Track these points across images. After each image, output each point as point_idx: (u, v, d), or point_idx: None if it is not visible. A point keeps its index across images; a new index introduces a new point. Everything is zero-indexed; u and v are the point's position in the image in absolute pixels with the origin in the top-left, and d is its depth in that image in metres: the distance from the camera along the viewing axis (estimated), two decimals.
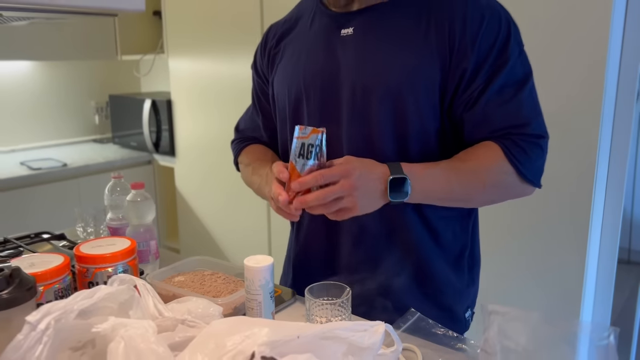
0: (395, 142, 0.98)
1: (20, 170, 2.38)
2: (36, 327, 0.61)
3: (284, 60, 1.11)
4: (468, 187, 0.96)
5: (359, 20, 1.01)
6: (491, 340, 0.51)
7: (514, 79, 0.95)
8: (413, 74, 0.95)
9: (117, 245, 0.99)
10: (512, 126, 0.95)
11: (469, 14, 0.94)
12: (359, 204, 0.88)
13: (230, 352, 0.65)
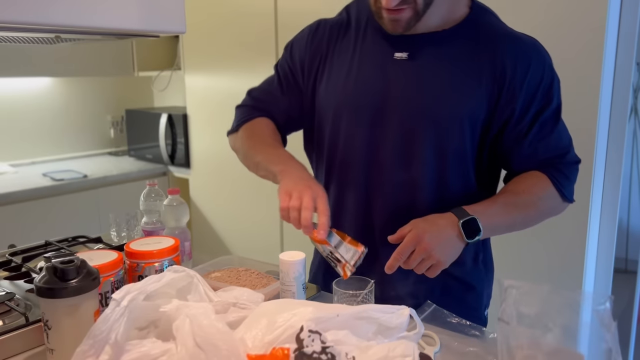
0: (435, 169, 1.06)
1: (44, 181, 2.49)
2: (120, 303, 0.71)
3: (334, 70, 1.13)
4: (526, 218, 1.08)
5: (414, 46, 1.05)
6: (508, 310, 0.62)
7: (554, 113, 1.06)
8: (461, 106, 1.03)
9: (163, 243, 1.09)
10: (556, 156, 1.08)
11: (519, 55, 1.02)
12: (442, 259, 0.97)
13: (281, 327, 0.75)
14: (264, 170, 1.13)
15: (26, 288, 1.16)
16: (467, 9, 1.07)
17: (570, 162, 1.09)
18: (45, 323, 0.88)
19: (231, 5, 2.51)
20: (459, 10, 1.07)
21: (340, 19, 1.17)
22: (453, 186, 1.08)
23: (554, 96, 1.05)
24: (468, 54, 1.03)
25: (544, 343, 0.59)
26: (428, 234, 0.95)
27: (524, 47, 1.03)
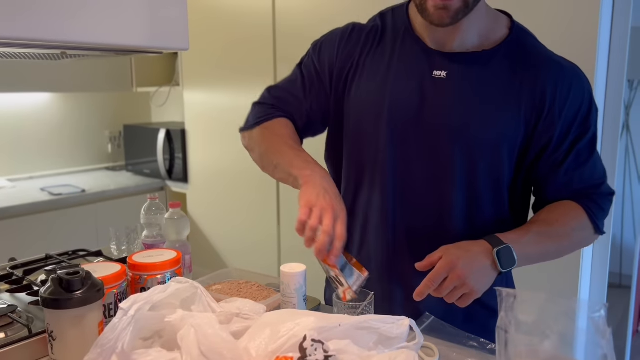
0: (467, 194, 1.03)
1: (42, 196, 2.50)
2: (127, 312, 0.73)
3: (367, 79, 1.08)
4: (560, 248, 1.06)
5: (453, 66, 1.02)
6: (506, 318, 0.64)
7: (591, 142, 1.05)
8: (498, 131, 1.00)
9: (165, 255, 1.11)
10: (591, 187, 1.06)
11: (560, 81, 1.00)
12: (476, 288, 0.92)
13: (284, 336, 0.77)
14: (283, 173, 1.05)
15: (28, 301, 1.17)
16: (507, 30, 1.05)
17: (605, 194, 1.08)
18: (50, 334, 0.89)
19: (229, 22, 2.56)
20: (499, 31, 1.04)
21: (374, 26, 1.11)
22: (485, 212, 1.05)
23: (591, 125, 1.03)
24: (508, 77, 1.01)
25: (541, 350, 0.61)
26: (462, 261, 0.92)
27: (565, 73, 1.01)
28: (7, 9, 0.94)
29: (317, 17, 2.23)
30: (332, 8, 2.18)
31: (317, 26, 2.17)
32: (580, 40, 1.64)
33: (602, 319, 0.58)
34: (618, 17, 1.73)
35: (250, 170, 2.60)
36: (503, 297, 0.65)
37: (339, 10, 2.14)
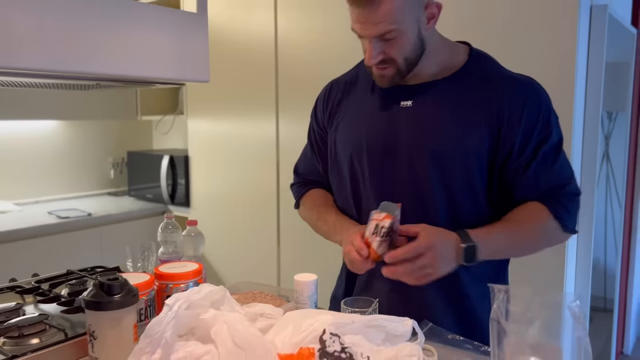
0: (446, 203, 1.16)
1: (50, 219, 2.59)
2: (172, 308, 0.84)
3: (346, 120, 1.27)
4: (525, 245, 1.18)
5: (417, 95, 1.18)
6: (498, 310, 0.76)
7: (554, 146, 1.16)
8: (464, 146, 1.13)
9: (188, 267, 1.22)
10: (556, 187, 1.16)
11: (515, 94, 1.13)
12: (439, 272, 1.06)
13: (306, 331, 0.88)
14: (331, 239, 1.29)
15: (57, 310, 1.26)
16: (466, 57, 1.20)
17: (570, 194, 1.18)
18: (91, 334, 0.99)
19: (233, 54, 2.70)
20: (458, 59, 1.19)
21: (351, 76, 1.33)
22: (465, 217, 1.17)
23: (552, 130, 1.15)
24: (466, 99, 1.15)
25: (528, 337, 0.73)
26: (440, 246, 1.04)
27: (519, 86, 1.15)
28: (53, 44, 1.06)
29: (317, 50, 2.39)
30: (331, 41, 2.33)
31: (318, 58, 2.34)
32: (559, 75, 1.78)
33: (578, 307, 0.70)
34: (593, 54, 1.90)
35: (251, 195, 2.73)
36: (495, 292, 0.77)
37: (338, 43, 2.29)
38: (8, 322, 1.15)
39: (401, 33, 1.10)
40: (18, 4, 1.00)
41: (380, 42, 1.11)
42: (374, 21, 1.08)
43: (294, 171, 1.48)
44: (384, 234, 1.06)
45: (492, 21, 1.88)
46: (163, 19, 1.22)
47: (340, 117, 1.29)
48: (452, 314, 1.20)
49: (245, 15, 2.64)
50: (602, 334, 3.22)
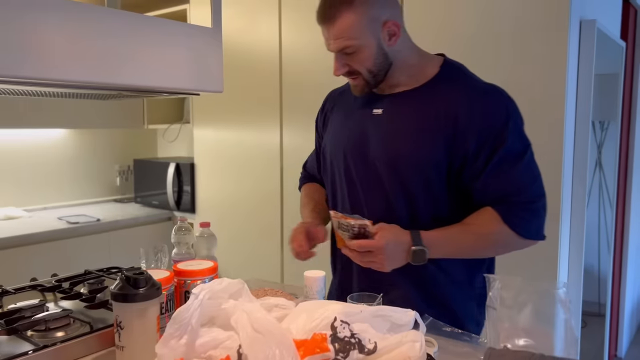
0: (405, 203, 1.26)
1: (60, 224, 2.67)
2: (198, 296, 0.92)
3: (334, 125, 1.44)
4: (474, 248, 1.25)
5: (387, 104, 1.30)
6: (493, 298, 0.84)
7: (512, 153, 1.19)
8: (424, 151, 1.22)
9: (203, 265, 1.30)
10: (509, 194, 1.20)
11: (471, 103, 1.21)
12: (387, 266, 1.21)
13: (318, 319, 0.96)
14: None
15: (79, 306, 1.34)
16: (438, 68, 1.29)
17: (524, 202, 1.21)
18: (118, 324, 1.07)
19: (238, 64, 2.80)
20: (430, 70, 1.29)
21: (343, 88, 1.49)
22: (423, 215, 1.26)
23: (508, 137, 1.19)
24: (430, 107, 1.24)
25: (519, 320, 0.81)
26: (391, 247, 1.18)
27: (477, 94, 1.22)
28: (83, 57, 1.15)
29: (320, 60, 2.48)
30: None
31: (320, 68, 2.45)
32: (551, 86, 1.87)
33: (564, 293, 0.78)
34: (583, 66, 2.00)
35: (255, 201, 2.81)
36: (490, 282, 0.85)
37: None
38: (35, 317, 1.23)
39: (360, 48, 1.23)
40: (53, 22, 1.09)
41: (343, 55, 1.25)
42: (334, 37, 1.24)
43: (303, 166, 1.68)
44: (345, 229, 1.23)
45: (487, 34, 1.99)
46: (182, 34, 1.31)
47: (330, 125, 1.46)
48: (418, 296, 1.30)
49: (251, 27, 2.74)
50: (597, 338, 3.28)
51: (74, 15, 1.13)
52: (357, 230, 1.20)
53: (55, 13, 1.10)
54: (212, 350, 0.92)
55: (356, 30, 1.21)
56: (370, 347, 0.95)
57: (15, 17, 1.03)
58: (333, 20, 1.22)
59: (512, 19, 1.94)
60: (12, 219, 2.79)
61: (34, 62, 1.09)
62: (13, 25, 1.03)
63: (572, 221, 2.06)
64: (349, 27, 1.21)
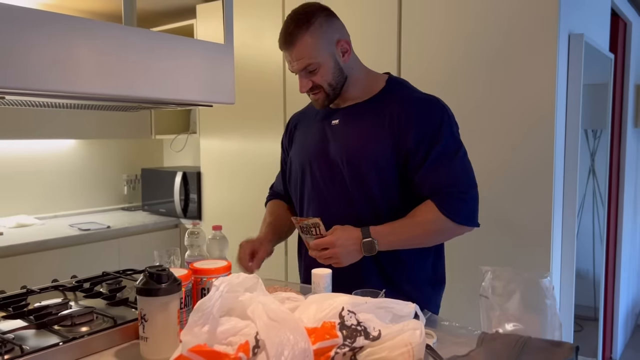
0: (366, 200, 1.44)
1: (72, 231, 2.76)
2: (219, 288, 1.02)
3: (299, 139, 1.62)
4: (419, 236, 1.42)
5: (342, 115, 1.51)
6: (486, 287, 0.94)
7: (447, 151, 1.40)
8: (375, 152, 1.42)
9: (218, 264, 1.40)
10: (443, 186, 1.39)
11: (410, 110, 1.42)
12: (343, 261, 1.37)
13: (327, 309, 1.06)
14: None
15: (101, 304, 1.44)
16: (384, 83, 1.50)
17: (456, 192, 1.39)
18: (142, 317, 1.16)
19: (243, 77, 2.91)
20: (377, 85, 1.50)
21: (306, 108, 1.68)
22: (381, 208, 1.44)
23: (442, 137, 1.39)
24: (377, 115, 1.45)
25: (509, 307, 0.91)
26: (339, 243, 1.35)
27: (414, 102, 1.44)
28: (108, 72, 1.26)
29: None
30: None
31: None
32: (541, 97, 1.98)
33: (548, 281, 0.88)
34: (572, 77, 2.11)
35: (259, 208, 2.89)
36: (483, 272, 0.95)
37: None
38: (61, 313, 1.33)
39: (319, 65, 1.42)
40: (79, 40, 1.20)
41: (306, 74, 1.44)
42: (296, 58, 1.42)
43: (270, 187, 1.88)
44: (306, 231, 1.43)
45: (479, 48, 2.10)
46: (198, 50, 1.42)
47: (295, 141, 1.65)
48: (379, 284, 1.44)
49: (256, 41, 2.86)
50: (593, 342, 3.36)
51: (98, 34, 1.24)
52: (314, 231, 1.39)
53: (81, 32, 1.20)
54: (232, 337, 1.01)
55: (314, 49, 1.41)
56: (375, 334, 1.04)
57: (44, 36, 1.14)
58: (293, 44, 1.41)
59: (503, 33, 2.05)
60: (25, 226, 2.89)
61: (62, 77, 1.19)
62: (42, 43, 1.14)
63: (563, 227, 2.16)
64: (308, 48, 1.40)
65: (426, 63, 2.24)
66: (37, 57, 1.14)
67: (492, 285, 0.92)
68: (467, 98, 2.11)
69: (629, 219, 3.67)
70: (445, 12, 2.18)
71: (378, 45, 2.36)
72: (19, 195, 3.08)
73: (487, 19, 2.08)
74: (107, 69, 1.26)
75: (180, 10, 3.19)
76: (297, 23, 1.41)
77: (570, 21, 2.10)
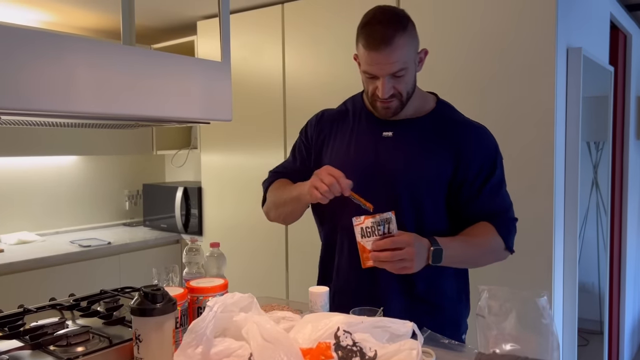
0: (414, 218, 1.40)
1: (73, 248, 2.77)
2: (212, 308, 1.01)
3: (336, 144, 1.51)
4: (476, 256, 1.42)
5: (397, 127, 1.44)
6: (482, 306, 0.93)
7: (497, 180, 1.43)
8: (431, 172, 1.39)
9: (215, 282, 1.39)
10: (500, 212, 1.43)
11: (470, 138, 1.42)
12: (415, 266, 1.26)
13: (323, 329, 1.05)
14: (290, 203, 1.49)
15: (97, 323, 1.42)
16: (434, 104, 1.48)
17: (511, 218, 1.44)
18: (137, 337, 1.15)
19: (244, 92, 2.92)
20: (428, 105, 1.47)
21: (340, 109, 1.58)
22: (429, 228, 1.39)
23: (497, 168, 1.43)
24: (435, 136, 1.42)
25: (506, 326, 0.90)
26: (417, 244, 1.27)
27: (475, 131, 1.44)
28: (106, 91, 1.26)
29: (321, 88, 2.60)
30: (334, 80, 2.55)
31: (322, 95, 2.56)
32: (541, 110, 1.98)
33: (545, 301, 0.87)
34: (571, 90, 2.10)
35: (260, 224, 2.89)
36: (479, 292, 0.94)
37: (340, 81, 2.51)
38: (57, 333, 1.32)
39: (407, 71, 1.34)
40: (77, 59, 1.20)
41: (391, 79, 1.34)
42: (390, 61, 1.31)
43: (270, 171, 1.70)
44: (369, 233, 1.28)
45: (478, 62, 2.10)
46: (194, 68, 1.42)
47: (331, 142, 1.53)
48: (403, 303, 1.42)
49: (256, 57, 2.87)
50: (599, 356, 3.32)
51: (96, 53, 1.24)
52: (381, 230, 1.27)
53: (77, 51, 1.20)
54: (226, 358, 1.00)
55: (408, 53, 1.33)
56: (371, 355, 1.03)
57: (39, 55, 1.14)
58: (390, 45, 1.29)
59: (500, 48, 2.05)
60: (26, 243, 2.89)
61: (58, 97, 1.19)
62: (38, 63, 1.14)
63: (565, 240, 2.14)
64: (403, 50, 1.31)
65: (425, 77, 2.23)
66: (33, 77, 1.14)
67: (488, 304, 0.91)
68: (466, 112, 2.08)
69: (633, 231, 3.65)
70: (444, 28, 2.19)
71: None
72: (20, 212, 3.09)
73: (484, 34, 2.09)
74: (103, 88, 1.26)
75: (181, 27, 3.21)
76: (395, 24, 1.31)
77: (568, 35, 2.10)
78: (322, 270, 1.59)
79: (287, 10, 2.73)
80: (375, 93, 1.37)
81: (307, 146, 1.60)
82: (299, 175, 1.57)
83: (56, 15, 2.76)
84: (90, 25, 2.88)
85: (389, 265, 1.26)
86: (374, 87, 1.37)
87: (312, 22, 2.64)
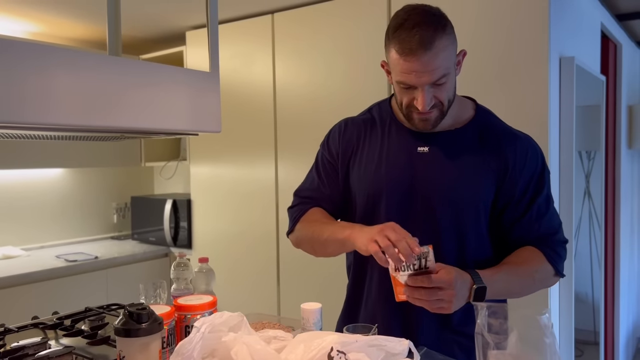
0: (456, 244, 1.25)
1: (58, 263, 2.70)
2: (200, 329, 0.96)
3: (364, 160, 1.33)
4: (522, 286, 1.26)
5: (433, 142, 1.27)
6: (481, 324, 0.89)
7: (545, 197, 1.28)
8: (474, 190, 1.24)
9: (203, 299, 1.34)
10: (548, 234, 1.28)
11: (518, 150, 1.26)
12: (452, 307, 1.11)
13: (315, 349, 1.00)
14: (334, 245, 1.27)
15: (81, 343, 1.37)
16: (473, 112, 1.32)
17: (560, 241, 1.29)
18: (121, 358, 1.10)
19: (234, 103, 2.89)
20: (466, 113, 1.31)
21: (365, 118, 1.39)
22: (470, 252, 1.26)
23: (545, 184, 1.28)
24: (477, 148, 1.26)
25: (507, 346, 0.86)
26: (459, 284, 1.11)
27: (521, 143, 1.28)
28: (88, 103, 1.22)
29: (312, 99, 2.57)
30: (325, 91, 2.52)
31: (313, 106, 2.53)
32: (534, 119, 1.96)
33: (546, 318, 0.83)
34: (564, 99, 2.09)
35: (251, 236, 2.85)
36: (478, 309, 0.90)
37: (332, 93, 2.48)
38: (38, 354, 1.26)
39: (449, 77, 1.19)
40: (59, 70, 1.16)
41: (432, 88, 1.18)
42: (431, 68, 1.14)
43: (295, 194, 1.47)
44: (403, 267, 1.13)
45: (470, 72, 2.08)
46: (182, 79, 1.38)
47: (358, 157, 1.35)
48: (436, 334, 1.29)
49: (246, 67, 2.84)
50: None
51: (81, 64, 1.20)
52: (417, 265, 1.12)
53: (61, 62, 1.17)
54: None
55: (450, 57, 1.18)
56: None
57: (23, 66, 1.10)
58: (431, 49, 1.12)
59: (493, 58, 2.03)
60: (11, 258, 2.82)
61: (41, 108, 1.15)
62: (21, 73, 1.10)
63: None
64: (445, 55, 1.15)
65: None
66: (15, 89, 1.10)
67: (487, 322, 0.87)
68: None
69: (627, 241, 3.64)
70: None
71: (368, 62, 2.34)
72: (5, 226, 3.02)
73: (477, 44, 2.07)
74: (88, 100, 1.22)
75: (169, 37, 3.18)
76: (434, 25, 1.14)
77: (560, 44, 2.09)
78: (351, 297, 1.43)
79: (277, 20, 2.71)
80: (412, 104, 1.22)
81: (333, 164, 1.41)
82: (332, 203, 1.40)
83: (42, 26, 2.71)
84: (77, 36, 2.83)
85: (425, 304, 1.13)
86: (411, 98, 1.21)
87: (302, 31, 2.61)
